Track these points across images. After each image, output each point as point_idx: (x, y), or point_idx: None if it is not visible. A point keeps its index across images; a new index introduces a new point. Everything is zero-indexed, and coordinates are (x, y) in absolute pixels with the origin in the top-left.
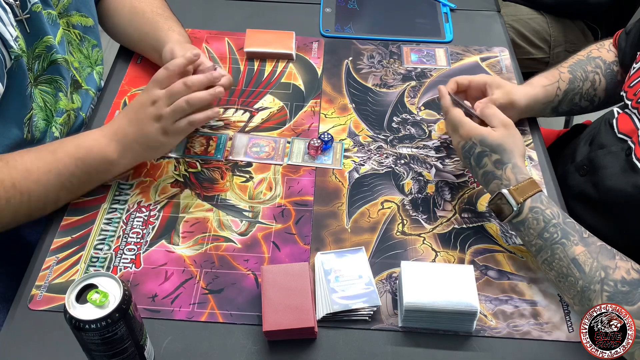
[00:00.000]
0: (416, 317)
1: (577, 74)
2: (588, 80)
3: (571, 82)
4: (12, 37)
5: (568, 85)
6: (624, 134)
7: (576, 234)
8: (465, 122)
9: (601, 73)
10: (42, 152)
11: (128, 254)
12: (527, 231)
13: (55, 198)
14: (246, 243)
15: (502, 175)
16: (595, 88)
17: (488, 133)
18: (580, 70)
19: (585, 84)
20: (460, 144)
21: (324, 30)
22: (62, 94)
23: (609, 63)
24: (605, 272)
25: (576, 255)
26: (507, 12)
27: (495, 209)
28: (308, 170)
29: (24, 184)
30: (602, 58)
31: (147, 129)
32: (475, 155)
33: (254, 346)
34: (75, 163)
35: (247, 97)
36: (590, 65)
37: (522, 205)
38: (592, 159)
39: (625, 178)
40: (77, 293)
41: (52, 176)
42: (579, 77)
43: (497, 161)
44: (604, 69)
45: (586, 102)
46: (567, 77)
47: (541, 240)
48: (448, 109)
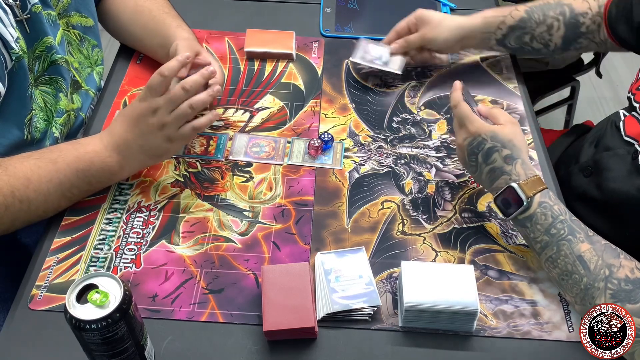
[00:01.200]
0: (416, 317)
1: (533, 15)
2: (544, 24)
3: (522, 20)
4: (13, 38)
5: (516, 23)
6: (631, 137)
7: (582, 232)
8: (475, 119)
9: (562, 20)
10: (42, 160)
11: (128, 254)
12: (534, 227)
13: (56, 206)
14: (246, 243)
15: (512, 171)
16: (552, 34)
17: (499, 129)
18: (539, 12)
19: (540, 27)
20: (467, 140)
21: (324, 30)
22: (63, 94)
23: (577, 13)
24: (609, 270)
25: (582, 253)
26: None
27: (502, 204)
28: (308, 170)
29: (23, 193)
30: (572, 6)
31: (151, 138)
32: (485, 151)
33: (254, 346)
34: (77, 174)
35: (247, 97)
36: (554, 11)
37: (532, 199)
38: (597, 161)
39: (630, 181)
40: (78, 293)
41: (53, 186)
42: (535, 19)
43: (507, 156)
44: (568, 17)
45: (539, 45)
46: (519, 14)
47: (548, 237)
48: (458, 102)
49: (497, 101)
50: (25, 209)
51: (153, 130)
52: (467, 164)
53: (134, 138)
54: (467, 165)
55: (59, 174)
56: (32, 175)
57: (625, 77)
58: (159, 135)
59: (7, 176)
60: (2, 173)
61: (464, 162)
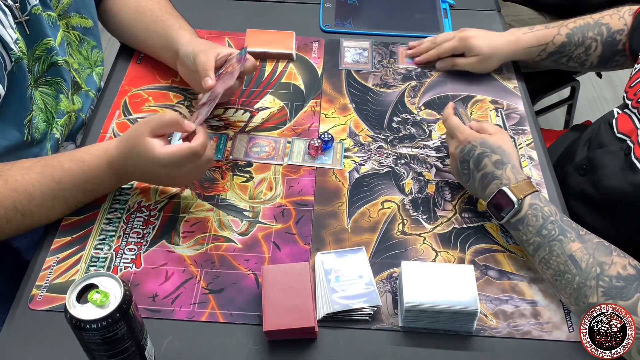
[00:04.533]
0: (416, 317)
1: (574, 38)
2: (583, 46)
3: (563, 45)
4: (13, 40)
5: (556, 49)
6: (623, 133)
7: (573, 232)
8: (465, 128)
9: (600, 40)
10: (44, 177)
11: (128, 254)
12: (525, 229)
13: (59, 215)
14: (246, 243)
15: (502, 175)
16: (589, 54)
17: (488, 137)
18: (579, 35)
19: (579, 49)
20: (459, 148)
21: (324, 25)
22: (63, 95)
23: (613, 31)
24: (600, 268)
25: (573, 252)
26: (507, 12)
27: (494, 209)
28: (308, 170)
29: (27, 207)
30: (609, 26)
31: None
32: (475, 157)
33: (254, 346)
34: (84, 194)
35: (247, 97)
36: (593, 31)
37: (522, 202)
38: (591, 159)
39: (624, 177)
40: (78, 293)
41: (58, 203)
42: (575, 42)
43: (497, 161)
44: (605, 36)
45: (575, 64)
46: (560, 40)
47: (539, 238)
48: (448, 116)
49: (497, 101)
50: (29, 222)
51: (165, 178)
52: (460, 173)
53: (146, 178)
54: (461, 174)
55: (64, 193)
56: (34, 191)
57: (625, 77)
58: (169, 183)
59: (7, 190)
60: (2, 185)
61: (457, 172)
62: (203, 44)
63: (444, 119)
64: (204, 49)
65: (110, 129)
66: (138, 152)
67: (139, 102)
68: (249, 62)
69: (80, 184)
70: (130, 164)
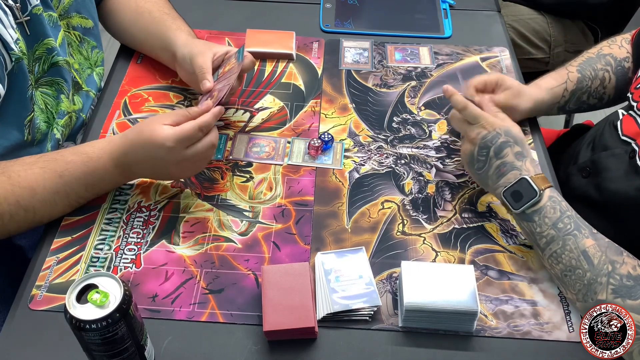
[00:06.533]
0: (416, 317)
1: (586, 72)
2: (597, 79)
3: (579, 81)
4: (13, 40)
5: (576, 86)
6: (628, 136)
7: (587, 228)
8: (488, 116)
9: (611, 70)
10: (47, 171)
11: (128, 254)
12: (541, 220)
13: (61, 212)
14: (246, 243)
15: (522, 167)
16: (605, 86)
17: (512, 125)
18: (589, 69)
19: (595, 82)
20: (482, 134)
21: (324, 25)
22: (64, 95)
23: (620, 60)
24: (612, 266)
25: (586, 248)
26: (507, 12)
27: (511, 197)
28: (308, 170)
29: (29, 202)
30: (613, 55)
31: (166, 170)
32: (498, 145)
33: (254, 346)
34: (86, 188)
35: (247, 97)
36: (600, 63)
37: (543, 192)
38: (595, 161)
39: (628, 181)
40: (78, 293)
41: (60, 197)
42: (588, 76)
43: (518, 153)
44: (615, 66)
45: (595, 100)
46: (575, 77)
47: (554, 230)
48: (466, 104)
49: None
50: (31, 218)
51: (168, 165)
52: (474, 159)
53: (148, 169)
54: (475, 160)
55: (66, 187)
56: (37, 186)
57: None
58: (172, 169)
59: (10, 185)
60: (5, 181)
61: (470, 157)
62: (200, 45)
63: (461, 108)
64: (201, 51)
65: (110, 129)
66: (146, 138)
67: (139, 102)
68: (247, 59)
69: (82, 177)
70: (132, 152)
